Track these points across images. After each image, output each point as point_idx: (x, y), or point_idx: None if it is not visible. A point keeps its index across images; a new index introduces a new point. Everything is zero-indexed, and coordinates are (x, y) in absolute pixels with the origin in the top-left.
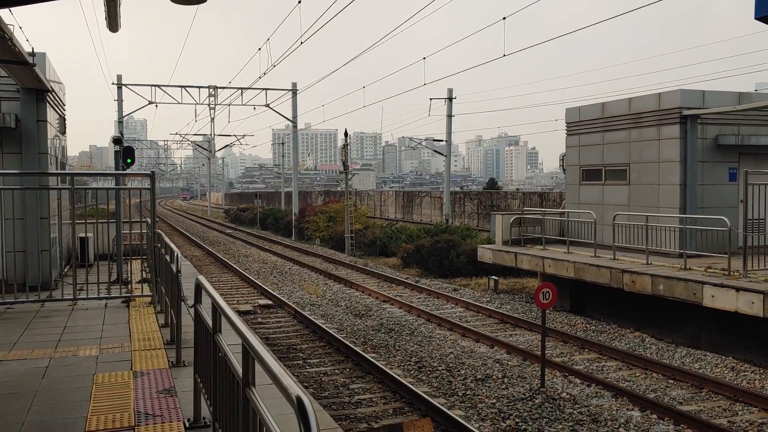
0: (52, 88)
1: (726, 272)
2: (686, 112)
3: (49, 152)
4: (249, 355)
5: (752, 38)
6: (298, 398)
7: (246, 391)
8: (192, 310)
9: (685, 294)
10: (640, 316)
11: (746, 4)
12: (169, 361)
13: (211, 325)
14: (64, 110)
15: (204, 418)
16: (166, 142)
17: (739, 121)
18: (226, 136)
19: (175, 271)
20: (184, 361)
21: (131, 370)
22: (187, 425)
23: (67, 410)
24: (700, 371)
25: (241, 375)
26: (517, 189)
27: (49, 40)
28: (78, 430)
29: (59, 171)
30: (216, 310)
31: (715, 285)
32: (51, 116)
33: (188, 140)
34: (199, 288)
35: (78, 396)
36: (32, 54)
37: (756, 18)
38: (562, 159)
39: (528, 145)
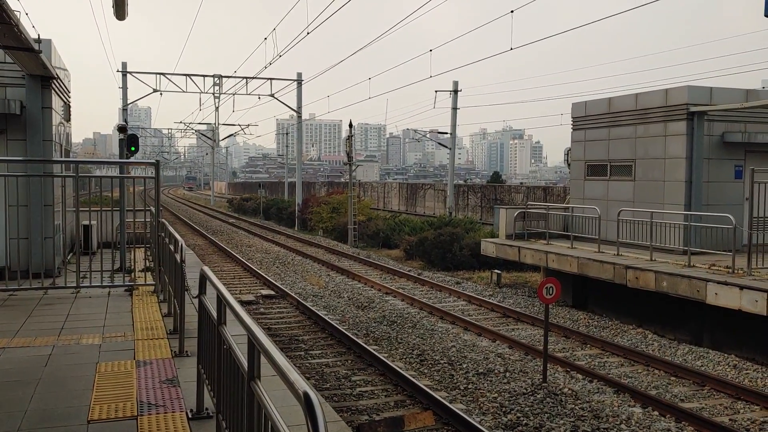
0: (57, 74)
1: (730, 270)
2: (693, 109)
3: (54, 139)
4: (255, 348)
5: (760, 35)
6: (306, 394)
7: (251, 385)
8: (195, 300)
9: (689, 291)
10: (643, 313)
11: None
12: (172, 350)
13: (215, 317)
14: (69, 97)
15: (207, 409)
16: (170, 131)
17: (746, 119)
18: (230, 125)
19: (179, 260)
20: (186, 351)
21: (134, 359)
22: (190, 416)
23: (70, 399)
24: (702, 369)
25: (246, 368)
26: (521, 183)
27: (55, 27)
28: (81, 418)
29: (63, 158)
30: (221, 301)
31: (719, 283)
32: (56, 103)
33: (192, 129)
34: (203, 278)
35: (81, 384)
36: (38, 41)
37: (766, 15)
38: (567, 153)
39: (532, 139)
